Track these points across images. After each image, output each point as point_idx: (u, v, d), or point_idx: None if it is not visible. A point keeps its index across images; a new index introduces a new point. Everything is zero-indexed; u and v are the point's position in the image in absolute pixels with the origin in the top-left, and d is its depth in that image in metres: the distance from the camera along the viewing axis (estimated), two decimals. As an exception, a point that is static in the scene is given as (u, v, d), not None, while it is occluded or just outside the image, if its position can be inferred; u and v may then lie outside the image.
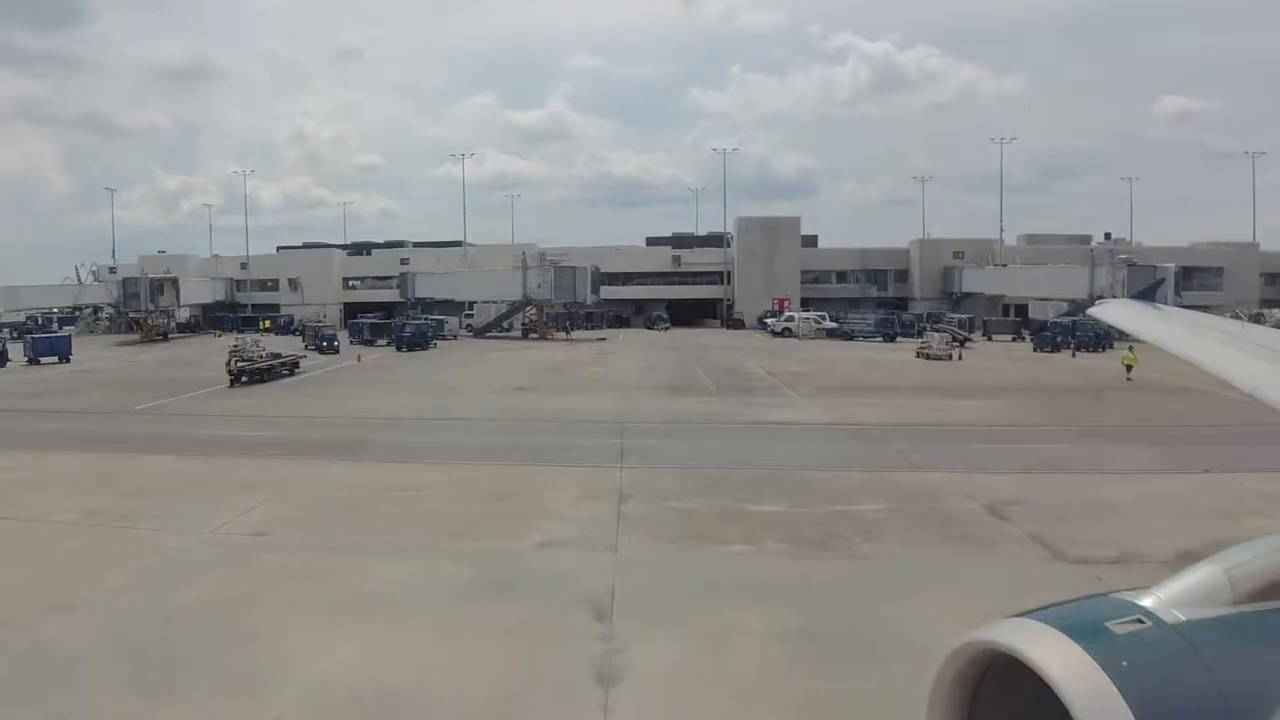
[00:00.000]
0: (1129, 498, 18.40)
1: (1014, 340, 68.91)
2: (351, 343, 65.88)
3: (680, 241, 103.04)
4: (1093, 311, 13.38)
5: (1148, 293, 13.10)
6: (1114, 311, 11.33)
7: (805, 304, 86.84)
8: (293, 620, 11.35)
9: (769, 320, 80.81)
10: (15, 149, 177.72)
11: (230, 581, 13.01)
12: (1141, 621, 2.98)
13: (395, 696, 9.19)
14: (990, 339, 70.08)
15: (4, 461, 22.54)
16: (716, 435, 26.94)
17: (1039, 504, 17.66)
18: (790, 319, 76.99)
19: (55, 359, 53.35)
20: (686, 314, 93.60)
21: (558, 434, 26.92)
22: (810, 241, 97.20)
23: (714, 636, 10.65)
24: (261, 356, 43.76)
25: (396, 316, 76.77)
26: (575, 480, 19.72)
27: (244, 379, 40.48)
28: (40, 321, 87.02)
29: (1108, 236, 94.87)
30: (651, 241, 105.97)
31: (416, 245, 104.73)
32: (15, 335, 71.08)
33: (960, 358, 53.05)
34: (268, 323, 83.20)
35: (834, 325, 75.66)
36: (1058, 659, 2.82)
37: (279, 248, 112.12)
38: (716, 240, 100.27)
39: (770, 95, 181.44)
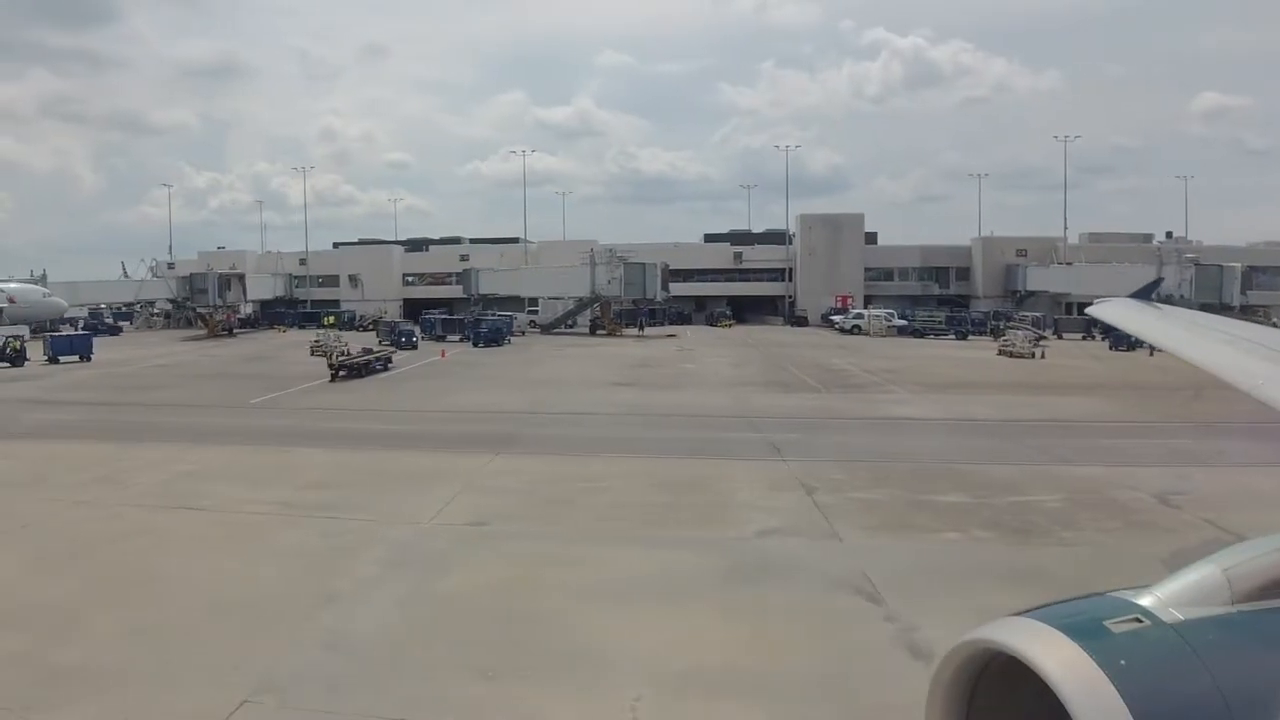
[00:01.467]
0: (1276, 487, 18.63)
1: (1084, 338, 68.53)
2: (423, 338, 66.40)
3: (739, 238, 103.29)
4: (1091, 310, 13.21)
5: (1145, 291, 13.18)
6: (1113, 311, 11.21)
7: (867, 301, 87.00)
8: (578, 606, 11.39)
9: (835, 317, 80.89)
10: (45, 147, 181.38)
11: (486, 570, 13.03)
12: (1140, 620, 2.99)
13: (730, 677, 9.37)
14: (1061, 337, 69.76)
15: (157, 454, 22.36)
16: (849, 430, 27.25)
17: (1199, 494, 18.01)
18: (860, 316, 77.12)
19: (76, 358, 50.43)
20: (746, 311, 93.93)
21: (692, 428, 27.26)
22: (870, 239, 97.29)
23: (988, 615, 10.94)
24: (354, 352, 44.70)
25: (460, 313, 77.20)
26: (747, 472, 20.05)
27: (342, 374, 41.38)
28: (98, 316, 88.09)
29: (1169, 235, 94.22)
30: (710, 238, 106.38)
31: (474, 241, 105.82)
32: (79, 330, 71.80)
33: (1043, 355, 52.97)
34: (331, 319, 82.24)
35: (903, 323, 75.76)
36: (1056, 658, 2.83)
37: (335, 244, 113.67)
38: (775, 237, 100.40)
39: (801, 92, 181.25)
